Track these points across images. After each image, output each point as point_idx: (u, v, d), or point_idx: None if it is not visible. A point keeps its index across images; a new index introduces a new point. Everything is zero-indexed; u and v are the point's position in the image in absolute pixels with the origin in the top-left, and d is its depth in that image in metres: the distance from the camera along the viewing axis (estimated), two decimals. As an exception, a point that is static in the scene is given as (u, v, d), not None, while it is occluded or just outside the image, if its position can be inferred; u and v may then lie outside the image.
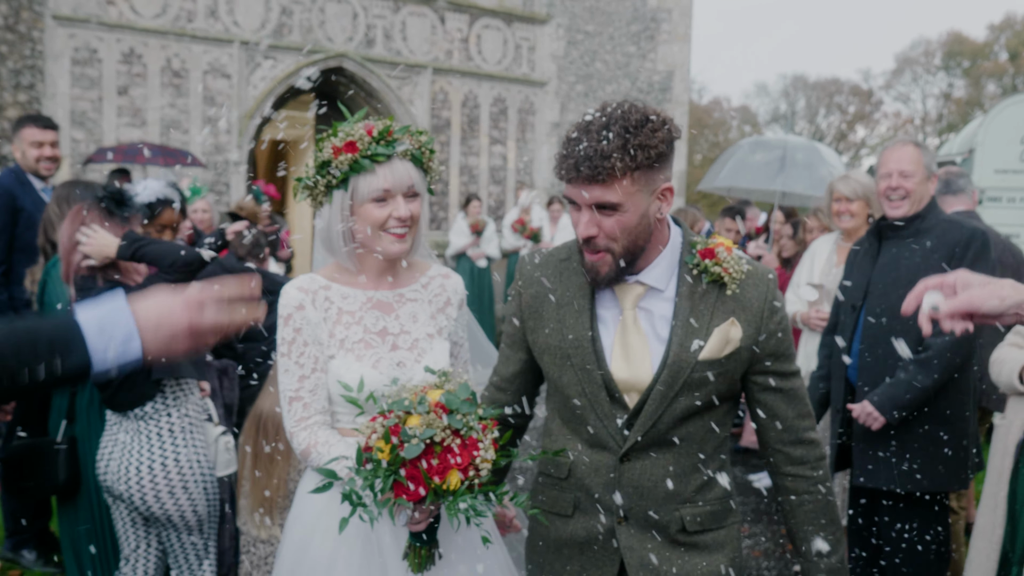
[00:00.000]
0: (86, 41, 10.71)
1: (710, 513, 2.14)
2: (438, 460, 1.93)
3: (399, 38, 12.66)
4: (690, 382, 2.04)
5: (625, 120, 1.93)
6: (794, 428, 2.10)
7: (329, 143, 2.31)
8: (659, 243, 2.06)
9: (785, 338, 2.07)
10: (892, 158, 3.77)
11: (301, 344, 2.36)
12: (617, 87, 13.62)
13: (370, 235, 2.33)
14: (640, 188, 1.95)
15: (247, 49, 11.60)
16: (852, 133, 42.99)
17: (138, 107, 11.07)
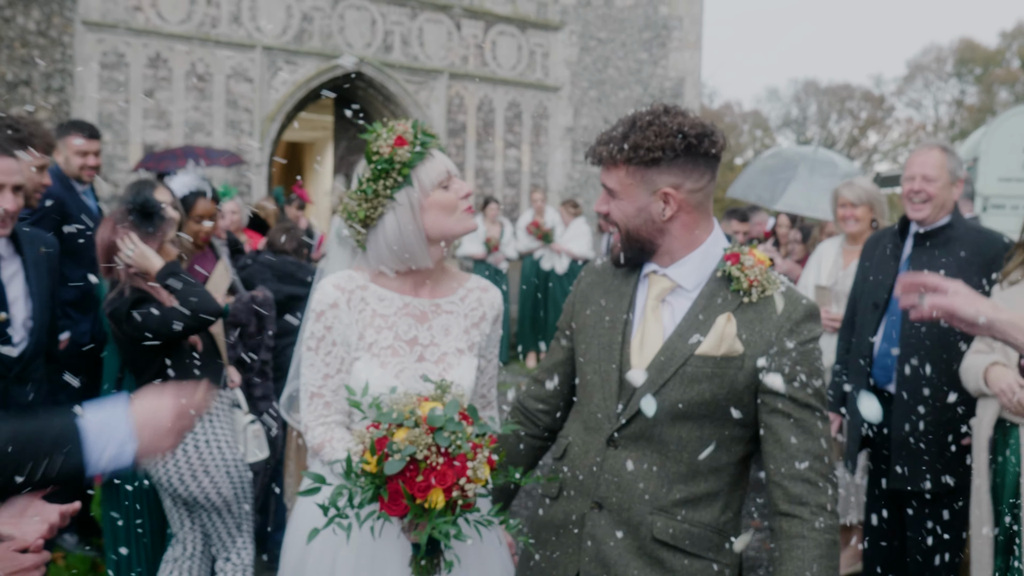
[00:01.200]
0: (114, 46, 10.99)
1: (688, 532, 2.01)
2: (422, 477, 1.88)
3: (416, 44, 12.90)
4: (682, 374, 2.01)
5: (638, 119, 2.02)
6: (797, 459, 1.95)
7: (380, 143, 2.28)
8: (685, 245, 2.07)
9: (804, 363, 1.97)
10: (917, 161, 3.79)
11: (329, 343, 2.34)
12: (629, 93, 13.82)
13: (444, 222, 2.32)
14: (636, 183, 2.02)
15: (269, 54, 11.86)
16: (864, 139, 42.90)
17: (163, 110, 11.34)
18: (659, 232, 2.06)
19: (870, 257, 4.06)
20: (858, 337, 3.95)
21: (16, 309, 3.01)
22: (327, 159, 18.05)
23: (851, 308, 4.16)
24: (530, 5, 13.71)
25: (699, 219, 2.07)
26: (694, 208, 2.05)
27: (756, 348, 1.99)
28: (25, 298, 3.06)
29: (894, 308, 3.78)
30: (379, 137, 2.28)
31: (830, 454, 1.99)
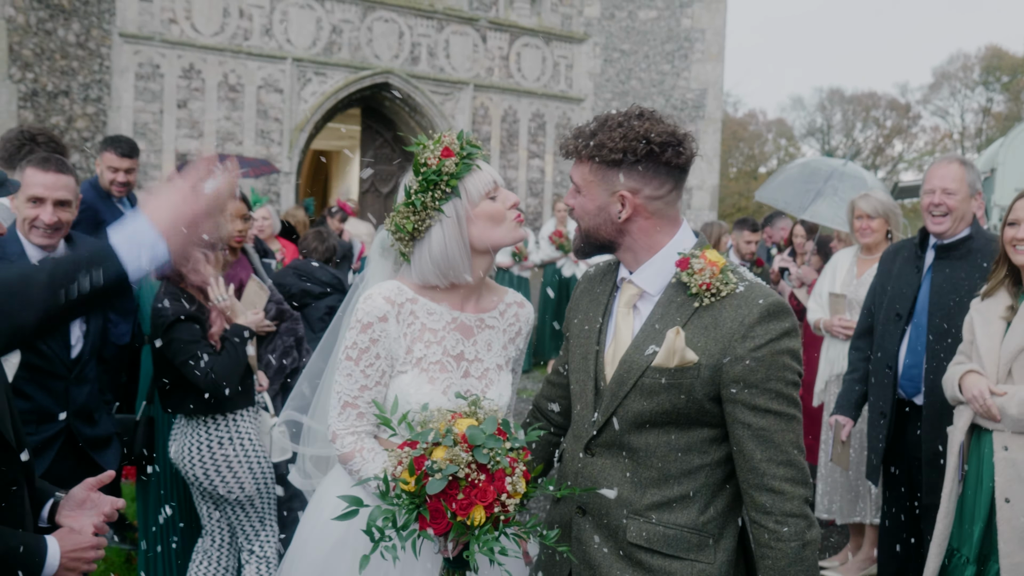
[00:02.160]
0: (150, 57, 11.31)
1: (663, 535, 2.01)
2: (463, 495, 1.86)
3: (442, 56, 13.14)
4: (641, 386, 1.99)
5: (611, 118, 2.01)
6: (760, 472, 1.93)
7: (426, 156, 2.26)
8: (646, 248, 2.07)
9: (759, 369, 1.90)
10: (937, 175, 3.81)
11: (373, 356, 2.29)
12: (651, 104, 13.90)
13: (492, 233, 2.30)
14: (597, 181, 2.02)
15: (299, 65, 12.14)
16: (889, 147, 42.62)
17: (196, 119, 11.64)
18: (618, 232, 2.06)
19: (888, 268, 4.12)
20: (881, 348, 4.00)
21: (73, 313, 3.26)
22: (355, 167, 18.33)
23: (865, 317, 4.24)
24: (555, 18, 13.92)
25: (659, 224, 2.04)
26: (652, 214, 2.02)
27: (711, 356, 1.93)
28: None
29: (918, 319, 3.84)
30: (426, 149, 2.25)
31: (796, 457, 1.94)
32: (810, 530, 1.92)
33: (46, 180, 3.18)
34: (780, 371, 1.92)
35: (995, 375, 3.17)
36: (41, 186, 3.17)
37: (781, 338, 1.93)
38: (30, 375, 3.09)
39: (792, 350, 1.95)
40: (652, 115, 2.00)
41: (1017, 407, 3.04)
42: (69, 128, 10.54)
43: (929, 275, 3.88)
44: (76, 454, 3.30)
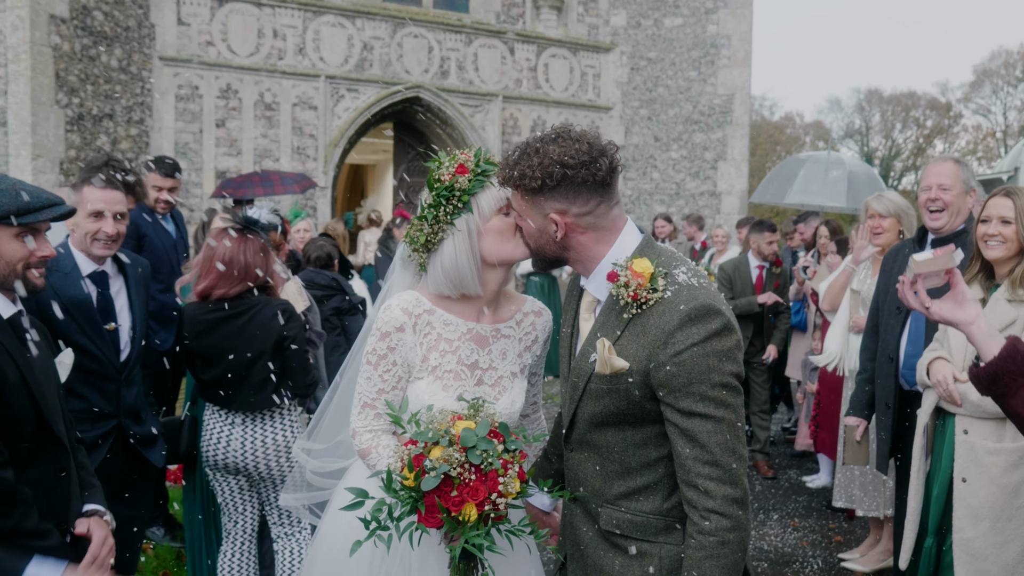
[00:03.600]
0: (189, 79, 11.72)
1: (630, 521, 2.13)
2: (456, 492, 1.98)
3: (471, 69, 13.41)
4: (589, 391, 2.10)
5: (529, 145, 2.08)
6: (686, 468, 2.00)
7: (441, 172, 2.37)
8: (589, 259, 2.15)
9: (681, 374, 1.95)
10: (932, 173, 3.99)
11: (390, 363, 2.42)
12: (679, 111, 14.11)
13: (502, 247, 2.41)
14: (528, 206, 2.11)
15: (332, 82, 12.49)
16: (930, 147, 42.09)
17: (234, 138, 12.02)
18: (561, 248, 2.14)
19: (890, 267, 4.27)
20: (884, 341, 4.17)
21: (122, 319, 3.51)
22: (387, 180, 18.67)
23: (873, 317, 4.38)
24: (581, 28, 14.14)
25: (597, 236, 2.11)
26: (587, 228, 2.09)
27: (639, 362, 2.01)
28: (128, 311, 3.57)
29: (916, 314, 3.98)
30: (440, 165, 2.37)
31: (722, 457, 1.97)
32: (732, 531, 1.96)
33: (104, 196, 3.49)
34: (704, 374, 1.95)
35: (962, 362, 3.32)
36: (101, 201, 3.47)
37: (704, 341, 1.95)
38: (84, 377, 3.36)
39: (720, 351, 1.97)
40: (568, 135, 2.06)
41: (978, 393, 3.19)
42: (114, 149, 10.95)
43: None
44: (127, 450, 3.56)
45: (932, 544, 3.42)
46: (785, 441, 8.50)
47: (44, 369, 2.54)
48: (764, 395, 7.46)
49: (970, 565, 3.19)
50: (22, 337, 2.48)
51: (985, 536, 3.17)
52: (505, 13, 13.63)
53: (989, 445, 3.21)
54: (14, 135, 9.81)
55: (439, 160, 2.39)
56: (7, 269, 2.42)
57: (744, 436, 2.05)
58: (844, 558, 5.36)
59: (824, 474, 6.83)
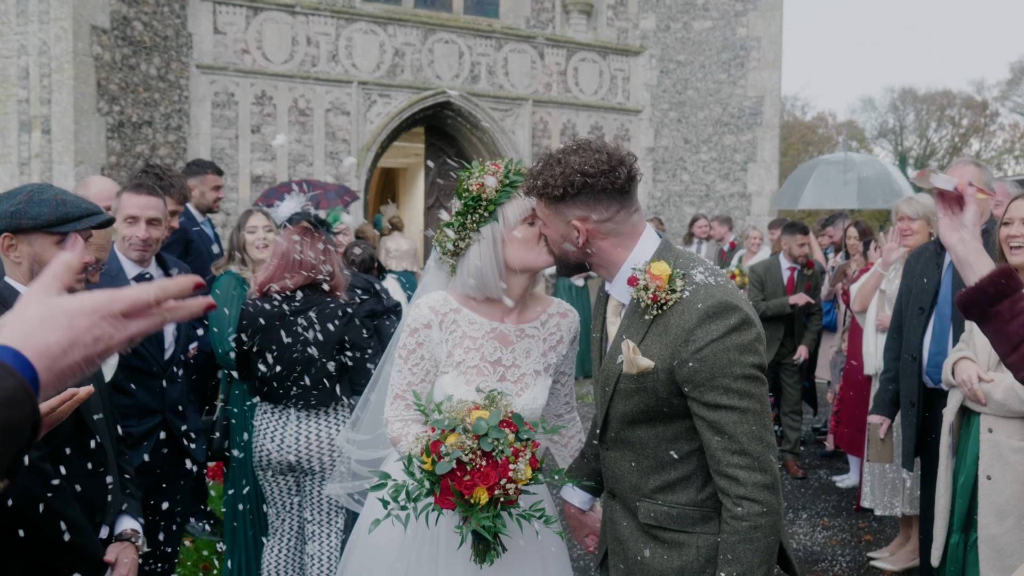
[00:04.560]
0: (225, 86, 11.96)
1: (667, 514, 2.22)
2: (468, 477, 2.11)
3: (501, 73, 13.53)
4: (619, 391, 2.20)
5: (552, 156, 2.21)
6: (716, 458, 2.09)
7: (470, 182, 2.50)
8: (611, 263, 2.25)
9: (703, 369, 2.04)
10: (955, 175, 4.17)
11: (418, 357, 2.58)
12: (708, 113, 14.12)
13: (525, 255, 2.53)
14: (552, 214, 2.22)
15: (364, 88, 12.67)
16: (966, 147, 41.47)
17: (269, 143, 12.23)
18: (583, 254, 2.24)
19: (912, 269, 4.35)
20: (907, 340, 4.23)
21: (166, 320, 3.67)
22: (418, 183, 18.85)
23: (897, 317, 4.43)
24: (611, 32, 14.21)
25: (617, 242, 2.21)
26: (607, 234, 2.19)
27: (664, 360, 2.09)
28: None
29: (941, 309, 4.06)
30: (471, 176, 2.51)
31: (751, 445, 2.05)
32: (764, 515, 2.05)
33: (139, 201, 3.63)
34: (726, 368, 2.04)
35: (986, 362, 3.38)
36: (135, 207, 3.61)
37: (724, 336, 2.04)
38: (131, 375, 3.50)
39: (739, 345, 2.05)
40: (588, 147, 2.18)
41: (1003, 393, 3.25)
42: (152, 156, 11.20)
43: (950, 269, 4.10)
44: (171, 445, 3.70)
45: (959, 541, 3.47)
46: (815, 441, 8.51)
47: None
48: (795, 396, 7.49)
49: (995, 561, 3.24)
50: None
51: (1010, 532, 3.23)
52: (535, 18, 13.74)
53: (1014, 443, 3.27)
54: (57, 142, 10.09)
55: (470, 171, 2.52)
56: None
57: (771, 423, 2.13)
58: (873, 557, 5.39)
59: (854, 474, 6.84)
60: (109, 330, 1.06)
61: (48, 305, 1.04)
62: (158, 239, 3.71)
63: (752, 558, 2.05)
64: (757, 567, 2.05)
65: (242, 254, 4.63)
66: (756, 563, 2.05)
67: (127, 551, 2.60)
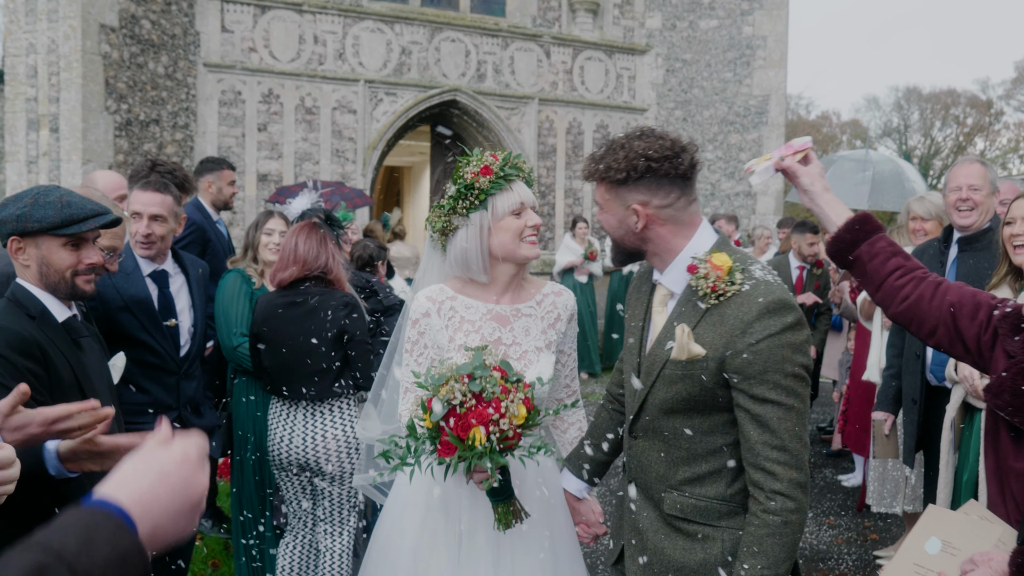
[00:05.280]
0: (232, 84, 11.98)
1: (694, 506, 2.23)
2: (462, 422, 2.20)
3: (508, 72, 13.55)
4: (663, 377, 2.21)
5: (615, 141, 2.24)
6: (755, 452, 2.10)
7: (466, 171, 2.62)
8: (667, 252, 2.27)
9: (757, 362, 2.07)
10: (961, 174, 4.15)
11: (422, 346, 2.69)
12: (714, 112, 14.13)
13: (509, 245, 2.65)
14: (612, 198, 2.24)
15: (371, 87, 12.70)
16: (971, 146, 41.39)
17: (275, 142, 12.26)
18: (640, 240, 2.26)
19: None
20: (910, 338, 4.24)
21: (182, 317, 3.68)
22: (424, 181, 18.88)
23: None
24: (617, 31, 14.22)
25: (676, 230, 2.23)
26: (666, 221, 2.22)
27: (716, 350, 2.11)
28: (188, 309, 3.74)
29: None
30: (468, 163, 2.64)
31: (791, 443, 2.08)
32: (795, 512, 2.08)
33: (143, 198, 3.66)
34: (778, 363, 2.07)
35: None
36: (139, 203, 3.65)
37: (780, 333, 2.08)
38: (146, 372, 3.53)
39: (793, 343, 2.09)
40: (652, 133, 2.22)
41: None
42: (160, 154, 11.22)
43: (954, 267, 4.14)
44: (186, 442, 3.73)
45: None
46: (820, 440, 8.53)
47: (97, 370, 2.68)
48: (802, 395, 7.50)
49: None
50: (76, 340, 2.63)
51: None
52: (541, 17, 13.75)
53: None
54: (65, 140, 10.13)
55: (468, 159, 2.66)
56: (57, 277, 2.56)
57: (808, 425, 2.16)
58: (879, 556, 5.41)
59: (859, 473, 6.86)
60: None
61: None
62: (163, 235, 3.70)
63: (779, 552, 2.07)
64: (782, 562, 2.07)
65: (254, 252, 4.65)
66: (781, 558, 2.07)
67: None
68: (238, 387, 4.51)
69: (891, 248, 2.29)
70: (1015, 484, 2.12)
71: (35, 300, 2.56)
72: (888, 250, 2.28)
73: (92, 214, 2.56)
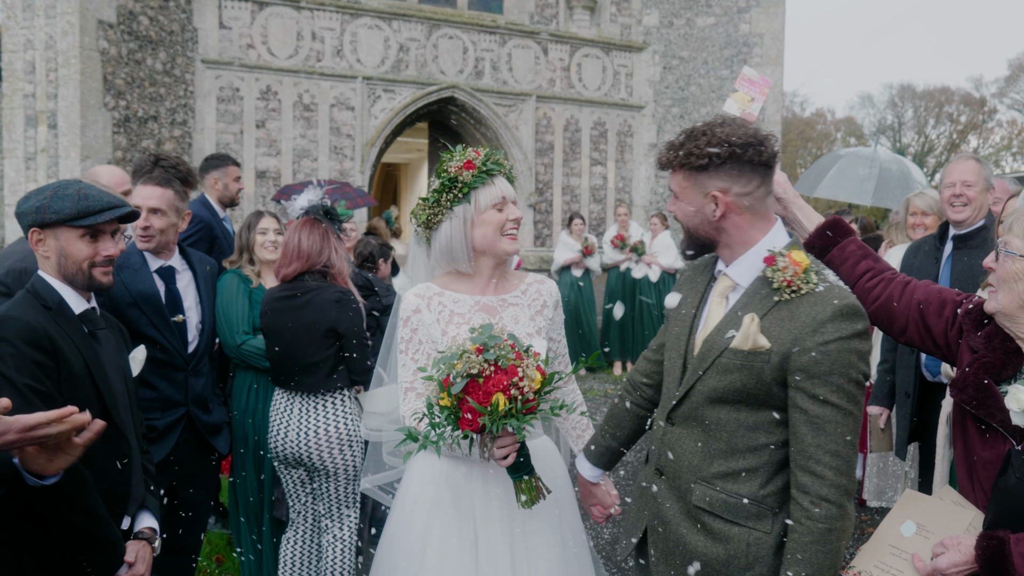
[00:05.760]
0: (230, 81, 11.97)
1: (723, 501, 2.19)
2: (482, 390, 2.22)
3: (505, 69, 13.56)
4: (718, 364, 2.18)
5: (696, 129, 2.21)
6: (807, 454, 2.07)
7: (450, 164, 2.68)
8: (741, 243, 2.24)
9: (824, 362, 2.03)
10: (956, 170, 4.21)
11: (417, 343, 2.70)
12: (711, 109, 14.16)
13: (490, 238, 2.71)
14: (690, 185, 2.22)
15: (369, 83, 12.70)
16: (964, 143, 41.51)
17: (273, 138, 12.26)
18: (715, 230, 2.24)
19: (911, 263, 4.41)
20: None
21: (190, 314, 3.70)
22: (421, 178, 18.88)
23: None
24: (614, 28, 14.24)
25: (752, 220, 2.21)
26: (744, 210, 2.20)
27: (782, 345, 2.08)
28: (196, 305, 3.75)
29: None
30: (452, 158, 2.70)
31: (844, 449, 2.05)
32: (841, 519, 2.04)
33: (143, 191, 3.67)
34: (844, 368, 2.05)
35: None
36: (139, 196, 3.65)
37: (851, 338, 2.06)
38: (155, 368, 3.54)
39: (860, 351, 2.07)
40: (733, 121, 2.19)
41: None
42: (158, 150, 11.21)
43: (949, 263, 4.20)
44: (195, 438, 3.74)
45: None
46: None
47: (112, 362, 2.69)
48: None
49: None
50: (93, 331, 2.64)
51: None
52: (539, 14, 13.76)
53: None
54: (64, 137, 10.11)
55: (452, 154, 2.73)
56: (74, 268, 2.59)
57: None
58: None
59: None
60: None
61: None
62: (162, 229, 3.66)
63: (824, 560, 2.04)
64: (827, 569, 2.04)
65: (250, 254, 4.66)
66: (827, 565, 2.04)
67: (144, 550, 2.64)
68: (238, 382, 4.53)
69: (861, 251, 2.34)
70: (982, 472, 2.17)
71: (53, 291, 2.58)
72: (858, 253, 2.33)
73: (109, 206, 2.59)
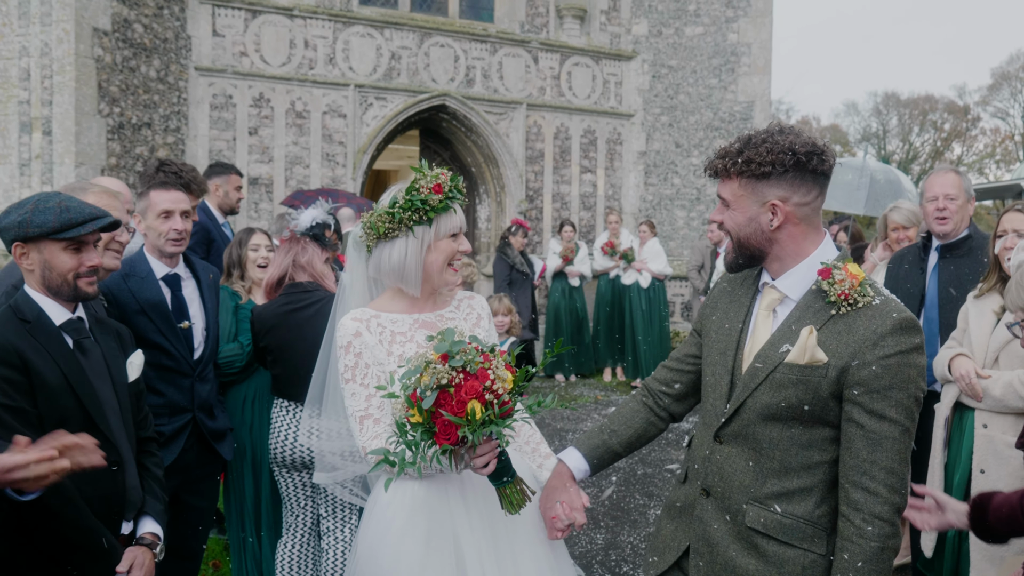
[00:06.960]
0: (223, 88, 12.03)
1: (779, 523, 2.11)
2: (455, 400, 2.13)
3: (496, 77, 13.67)
4: (772, 380, 2.11)
5: (754, 136, 2.14)
6: (862, 470, 2.00)
7: (421, 184, 2.61)
8: (793, 255, 2.18)
9: (884, 376, 1.97)
10: (938, 183, 4.29)
11: (363, 366, 2.57)
12: (699, 118, 14.31)
13: (439, 266, 2.67)
14: (747, 194, 2.14)
15: (361, 91, 12.79)
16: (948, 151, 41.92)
17: (266, 145, 12.32)
18: (768, 241, 2.17)
19: (896, 273, 4.52)
20: None
21: (195, 320, 3.76)
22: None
23: None
24: (603, 37, 14.38)
25: (807, 231, 2.16)
26: (801, 220, 2.14)
27: (840, 359, 2.02)
28: (200, 312, 3.83)
29: (929, 313, 4.24)
30: (424, 177, 2.62)
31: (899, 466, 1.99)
32: (893, 538, 1.99)
33: (170, 196, 3.74)
34: (904, 382, 2.00)
35: (982, 360, 3.56)
36: (168, 202, 3.71)
37: (910, 352, 2.01)
38: (161, 374, 3.61)
39: (919, 366, 2.02)
40: (792, 129, 2.14)
41: (1001, 389, 3.42)
42: (152, 157, 11.25)
43: (935, 273, 4.28)
44: (200, 444, 3.81)
45: (954, 533, 3.64)
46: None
47: (98, 370, 2.69)
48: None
49: (985, 551, 3.39)
50: (78, 341, 2.65)
51: None
52: (529, 23, 13.89)
53: (1008, 439, 3.42)
54: (58, 144, 10.15)
55: (424, 172, 2.64)
56: (59, 280, 2.60)
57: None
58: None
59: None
60: None
61: None
62: (190, 232, 3.81)
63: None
64: None
65: (241, 269, 4.72)
66: None
67: (144, 556, 2.64)
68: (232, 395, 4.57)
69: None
70: None
71: (32, 304, 2.60)
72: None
73: (90, 217, 2.61)
